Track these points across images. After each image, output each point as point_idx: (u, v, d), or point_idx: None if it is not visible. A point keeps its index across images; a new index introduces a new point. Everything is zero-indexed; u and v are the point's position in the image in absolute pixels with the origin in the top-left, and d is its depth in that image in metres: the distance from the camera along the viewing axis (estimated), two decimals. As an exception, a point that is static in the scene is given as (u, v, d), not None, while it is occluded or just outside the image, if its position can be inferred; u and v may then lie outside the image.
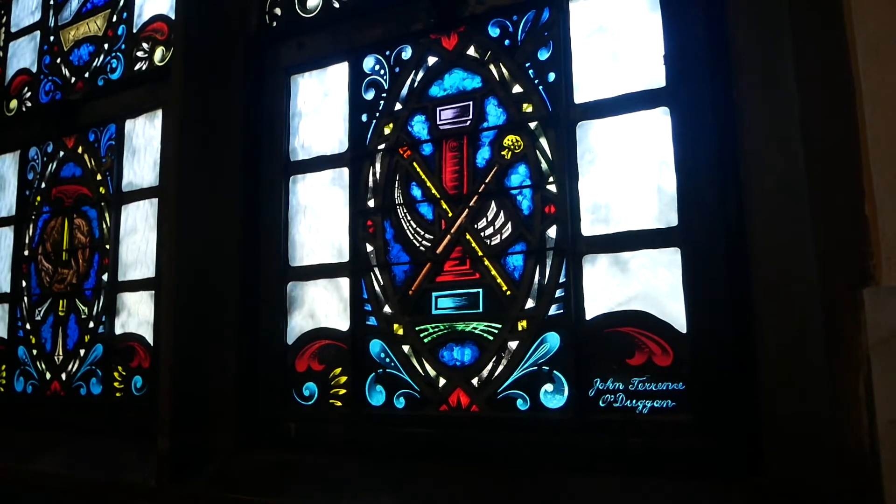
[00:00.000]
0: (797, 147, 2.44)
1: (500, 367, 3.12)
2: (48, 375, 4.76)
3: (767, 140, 2.60)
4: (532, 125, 3.19)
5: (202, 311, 3.74)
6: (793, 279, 2.49)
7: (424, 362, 3.31)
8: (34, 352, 4.88)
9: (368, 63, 3.71)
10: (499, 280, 3.18)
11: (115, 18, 4.87)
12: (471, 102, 3.36)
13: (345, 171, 3.68)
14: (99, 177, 4.71)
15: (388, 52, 3.65)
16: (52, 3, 5.35)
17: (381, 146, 3.57)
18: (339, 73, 3.83)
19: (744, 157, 2.65)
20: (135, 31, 4.73)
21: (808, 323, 2.42)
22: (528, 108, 3.22)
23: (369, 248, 3.54)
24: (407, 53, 3.60)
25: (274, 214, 3.82)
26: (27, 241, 5.08)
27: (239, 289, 3.77)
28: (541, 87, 3.20)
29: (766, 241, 2.56)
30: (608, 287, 2.95)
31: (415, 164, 3.46)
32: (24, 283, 5.04)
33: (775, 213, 2.55)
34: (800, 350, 2.45)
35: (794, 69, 2.45)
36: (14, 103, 5.37)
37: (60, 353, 4.71)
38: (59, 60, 5.13)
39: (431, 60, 3.52)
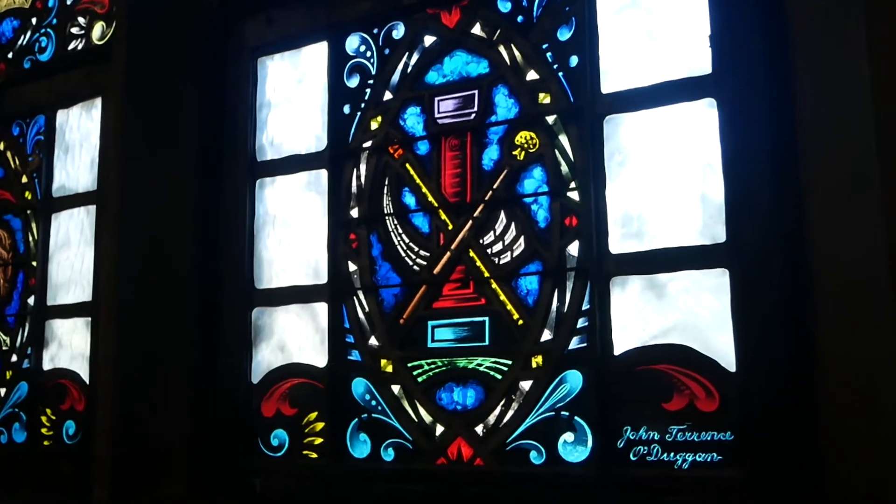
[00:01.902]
0: (871, 145, 2.44)
1: (510, 412, 3.13)
2: (-40, 419, 4.76)
3: (835, 137, 2.60)
4: (550, 119, 3.20)
5: (149, 342, 3.73)
6: (865, 306, 2.48)
7: (418, 406, 3.31)
8: (-56, 390, 4.88)
9: (352, 43, 3.73)
10: (509, 306, 3.18)
11: (45, -13, 4.90)
12: (476, 91, 3.38)
13: (323, 173, 3.69)
14: (24, 179, 4.72)
15: (375, 30, 3.67)
16: (-31, -32, 5.38)
17: (367, 144, 3.58)
18: (316, 54, 3.84)
19: (806, 159, 2.66)
20: (69, 2, 4.74)
21: (881, 359, 2.42)
22: (545, 98, 3.23)
23: (352, 266, 3.55)
24: (399, 32, 3.61)
25: (236, 225, 3.83)
26: (-64, 255, 5.08)
27: (193, 315, 3.77)
28: (561, 74, 3.21)
29: (833, 261, 2.56)
30: (641, 316, 2.95)
31: (408, 165, 3.47)
32: (-68, 307, 5.04)
33: (843, 225, 2.55)
34: (870, 392, 2.45)
35: (866, 47, 2.45)
36: (-78, 89, 5.38)
37: (-24, 392, 4.72)
38: (-23, 38, 5.16)
39: (428, 40, 3.53)
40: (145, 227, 3.80)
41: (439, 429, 3.26)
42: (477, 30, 3.42)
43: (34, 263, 4.58)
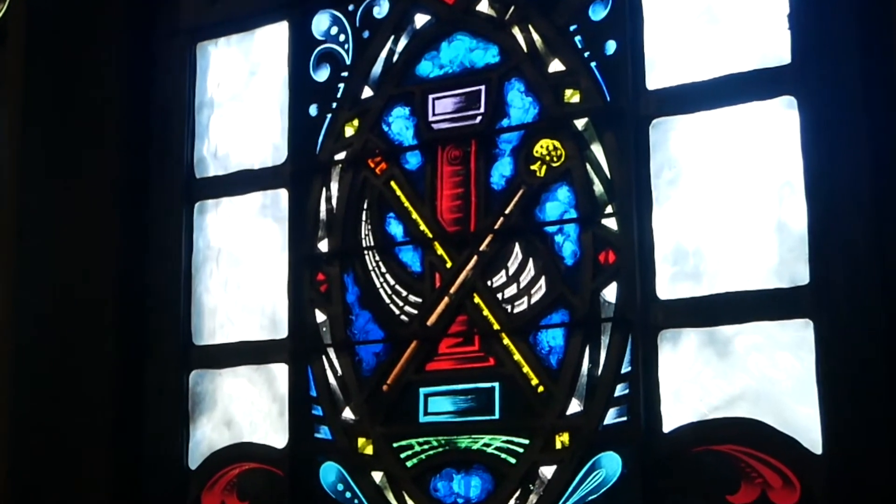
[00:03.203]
0: None
1: (529, 508, 3.14)
2: None
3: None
4: (580, 124, 3.22)
5: (55, 414, 3.73)
6: None
7: (407, 498, 3.31)
8: None
9: (321, 23, 3.75)
10: (525, 369, 3.19)
11: (-84, -51, 4.93)
12: (482, 87, 3.40)
13: (282, 193, 3.71)
14: None
15: (351, 7, 3.69)
16: None
17: (341, 155, 3.60)
18: (273, 39, 3.87)
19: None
20: (-52, -30, 4.78)
21: None
22: (572, 96, 3.25)
23: (320, 316, 3.56)
24: (382, 9, 3.63)
25: (169, 262, 3.84)
26: None
27: (113, 380, 3.78)
28: (593, 64, 3.23)
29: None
30: (699, 381, 2.96)
31: (393, 183, 3.49)
32: None
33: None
34: None
35: None
36: None
37: None
38: None
39: (421, 20, 3.55)
40: (50, 263, 3.80)
41: (435, 529, 3.28)
42: (484, 7, 3.44)
43: None
